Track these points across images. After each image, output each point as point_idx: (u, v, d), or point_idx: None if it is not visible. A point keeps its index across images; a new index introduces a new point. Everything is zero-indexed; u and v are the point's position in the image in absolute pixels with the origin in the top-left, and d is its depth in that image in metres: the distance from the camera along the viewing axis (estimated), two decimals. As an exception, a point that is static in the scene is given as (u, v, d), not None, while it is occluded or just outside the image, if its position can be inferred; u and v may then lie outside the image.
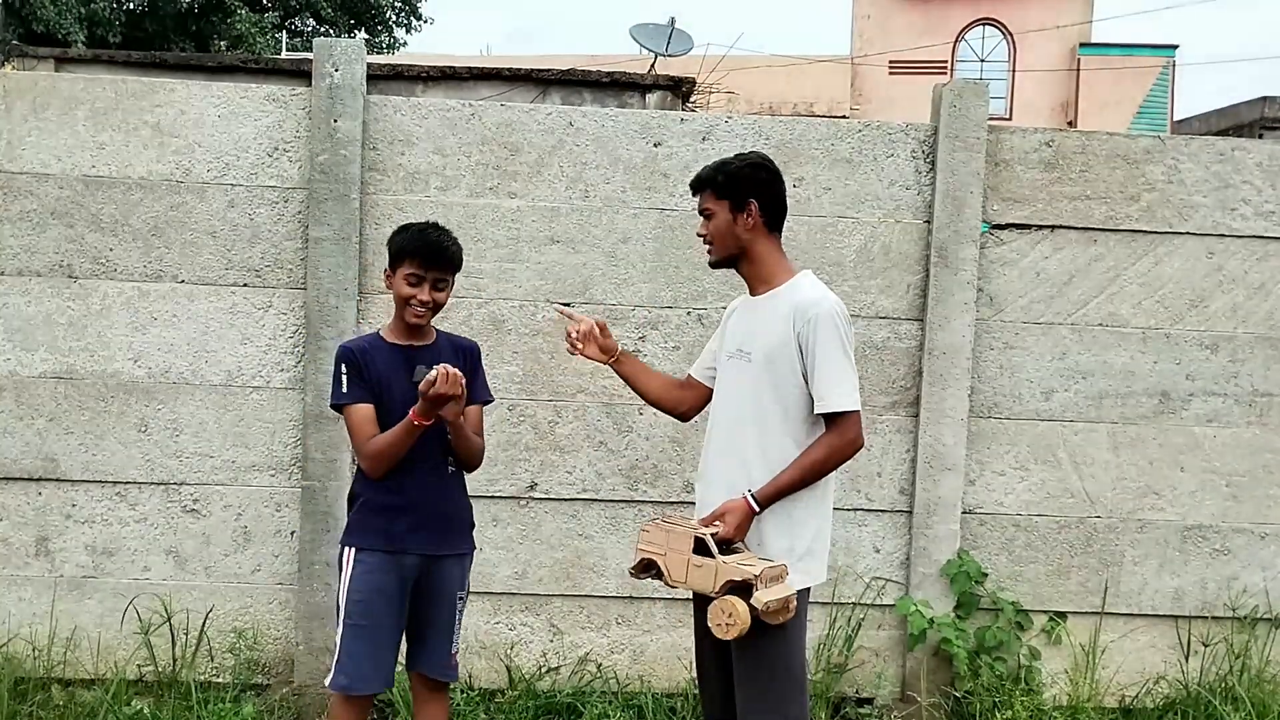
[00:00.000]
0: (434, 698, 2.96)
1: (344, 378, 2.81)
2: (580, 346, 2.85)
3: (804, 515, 2.63)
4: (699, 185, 2.73)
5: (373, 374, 2.82)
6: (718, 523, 2.56)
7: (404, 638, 2.92)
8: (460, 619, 2.95)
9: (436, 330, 2.97)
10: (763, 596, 2.43)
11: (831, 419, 2.58)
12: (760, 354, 2.63)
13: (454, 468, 2.91)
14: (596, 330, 2.87)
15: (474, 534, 3.00)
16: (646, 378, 2.96)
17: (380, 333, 2.94)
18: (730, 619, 2.44)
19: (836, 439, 2.58)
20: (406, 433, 2.73)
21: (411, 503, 2.82)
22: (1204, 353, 3.99)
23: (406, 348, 2.88)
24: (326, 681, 2.84)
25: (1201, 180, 3.97)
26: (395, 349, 2.88)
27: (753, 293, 2.74)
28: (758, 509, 2.56)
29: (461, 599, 2.95)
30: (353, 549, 2.83)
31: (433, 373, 2.63)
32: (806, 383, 2.59)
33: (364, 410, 2.81)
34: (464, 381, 2.67)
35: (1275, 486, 4.03)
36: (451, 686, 3.78)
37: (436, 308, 2.86)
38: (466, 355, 2.97)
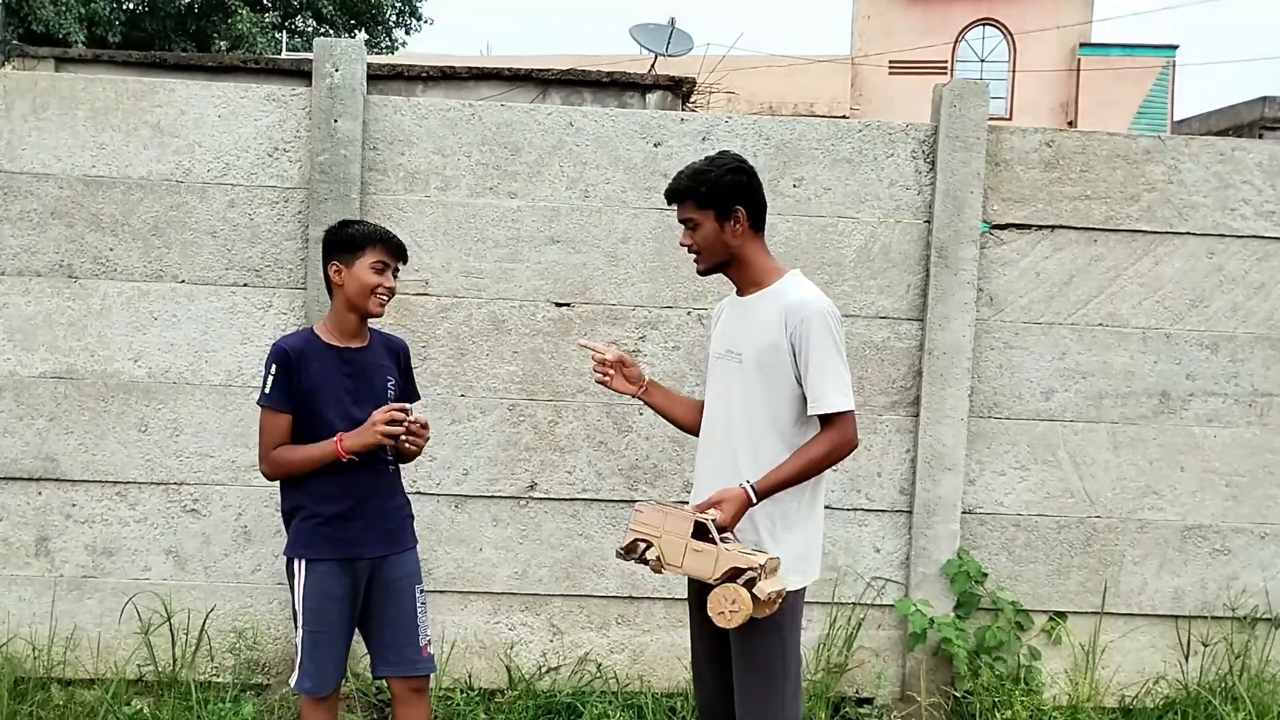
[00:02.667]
0: (415, 699, 2.89)
1: (271, 379, 2.76)
2: (610, 375, 2.81)
3: (799, 514, 2.62)
4: (677, 196, 2.65)
5: (304, 378, 2.76)
6: (713, 509, 2.51)
7: (365, 643, 2.91)
8: (424, 610, 2.91)
9: (370, 329, 2.92)
10: (765, 587, 2.39)
11: (828, 419, 2.57)
12: (751, 355, 2.62)
13: (394, 467, 2.91)
14: (623, 359, 2.83)
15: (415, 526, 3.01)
16: (675, 404, 2.93)
17: (315, 330, 2.87)
18: (734, 606, 2.38)
19: (836, 437, 2.57)
20: (319, 460, 2.73)
21: (360, 509, 2.80)
22: (1204, 353, 3.99)
23: (343, 350, 2.83)
24: (291, 681, 2.86)
25: (1202, 180, 3.97)
26: (332, 350, 2.82)
27: (741, 294, 2.73)
28: (755, 500, 2.53)
29: (421, 591, 2.92)
30: (303, 560, 2.80)
31: (398, 414, 2.68)
32: (799, 384, 2.58)
33: (281, 420, 2.77)
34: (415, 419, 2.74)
35: (1275, 486, 4.03)
36: (450, 686, 3.80)
37: (391, 298, 2.86)
38: (399, 354, 2.97)
